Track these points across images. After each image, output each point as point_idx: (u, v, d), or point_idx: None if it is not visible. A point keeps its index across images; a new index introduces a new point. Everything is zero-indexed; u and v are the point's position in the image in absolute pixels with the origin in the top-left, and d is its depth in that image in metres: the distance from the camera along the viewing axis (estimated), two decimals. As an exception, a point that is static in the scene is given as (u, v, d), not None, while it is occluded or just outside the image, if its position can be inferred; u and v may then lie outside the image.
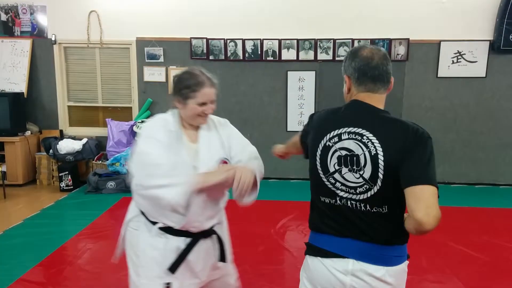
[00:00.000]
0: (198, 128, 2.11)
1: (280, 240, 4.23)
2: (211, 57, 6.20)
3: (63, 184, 5.96)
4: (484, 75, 6.02)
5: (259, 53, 6.16)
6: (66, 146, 5.93)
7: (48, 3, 6.33)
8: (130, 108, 6.54)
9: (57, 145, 5.95)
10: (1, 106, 5.98)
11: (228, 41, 6.15)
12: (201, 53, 6.20)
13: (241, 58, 6.19)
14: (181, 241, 2.05)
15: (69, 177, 5.94)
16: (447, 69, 6.05)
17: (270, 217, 4.80)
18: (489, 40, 5.94)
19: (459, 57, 6.00)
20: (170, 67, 6.26)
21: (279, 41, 6.12)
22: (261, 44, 6.14)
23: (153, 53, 6.24)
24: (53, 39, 6.35)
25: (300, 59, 6.14)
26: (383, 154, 1.55)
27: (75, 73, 6.59)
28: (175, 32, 6.21)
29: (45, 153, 6.18)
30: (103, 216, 4.84)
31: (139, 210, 2.10)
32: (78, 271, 3.58)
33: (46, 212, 5.08)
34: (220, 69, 6.21)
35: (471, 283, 3.44)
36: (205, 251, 2.14)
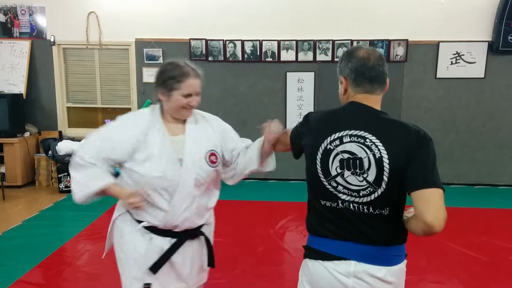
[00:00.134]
0: (184, 122, 2.06)
1: (280, 241, 4.23)
2: (210, 58, 6.21)
3: (62, 185, 5.95)
4: (483, 76, 6.03)
5: (258, 54, 6.16)
6: (65, 147, 5.92)
7: (47, 4, 6.33)
8: (129, 109, 6.53)
9: (56, 146, 5.94)
10: (0, 107, 5.96)
11: (227, 42, 6.15)
12: (200, 54, 6.21)
13: (240, 59, 6.19)
14: (165, 242, 2.01)
15: (68, 178, 5.93)
16: (446, 70, 6.05)
17: (269, 218, 4.80)
18: (488, 41, 5.95)
19: (458, 58, 6.01)
20: (169, 68, 6.25)
21: (278, 42, 6.12)
22: (260, 45, 6.14)
23: (152, 54, 6.24)
24: (52, 40, 6.34)
25: (299, 60, 6.14)
26: (388, 157, 1.54)
27: (74, 74, 6.59)
28: (174, 33, 6.21)
29: (44, 154, 6.17)
30: (102, 217, 4.83)
31: (125, 208, 2.06)
32: (77, 272, 3.58)
33: (45, 214, 5.07)
34: (219, 70, 6.23)
35: (470, 283, 3.44)
36: (191, 253, 2.08)
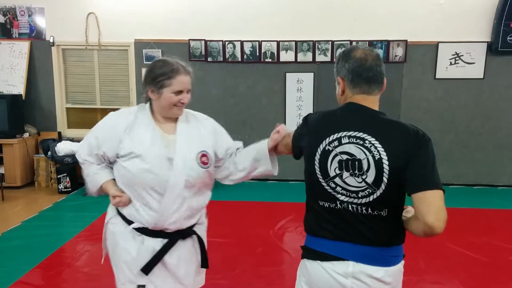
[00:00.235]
0: (175, 121, 2.03)
1: (279, 242, 4.23)
2: (209, 59, 6.21)
3: (61, 186, 5.95)
4: (482, 77, 6.04)
5: (257, 54, 6.17)
6: (64, 148, 5.92)
7: (46, 5, 6.33)
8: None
9: (55, 147, 5.93)
10: (-1, 108, 5.97)
11: (227, 42, 6.15)
12: (200, 54, 6.21)
13: (240, 59, 6.19)
14: (157, 242, 1.98)
15: (68, 179, 5.93)
16: (445, 70, 6.06)
17: (269, 218, 4.80)
18: (487, 42, 5.96)
19: (457, 58, 6.01)
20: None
21: (278, 42, 6.12)
22: (260, 46, 6.14)
23: (151, 54, 6.23)
24: (51, 41, 6.34)
25: (298, 60, 6.14)
26: (387, 158, 1.54)
27: (73, 75, 6.59)
28: (174, 34, 6.20)
29: (43, 155, 6.16)
30: (101, 218, 4.79)
31: (116, 210, 2.04)
32: (76, 273, 3.57)
33: (44, 214, 5.07)
34: (219, 70, 6.23)
35: (470, 284, 3.44)
36: (186, 253, 2.06)
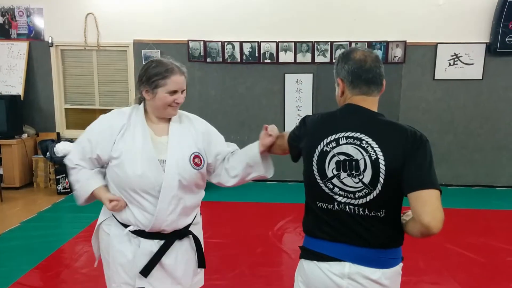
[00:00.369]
0: (168, 121, 2.02)
1: (278, 242, 4.23)
2: (208, 60, 6.20)
3: (60, 187, 5.94)
4: (481, 77, 6.04)
5: (256, 55, 6.17)
6: (63, 149, 5.91)
7: (45, 5, 6.32)
8: (127, 111, 6.53)
9: (54, 148, 5.92)
10: (-2, 108, 5.96)
11: (226, 43, 6.15)
12: (199, 55, 6.21)
13: (239, 60, 6.19)
14: (154, 244, 1.97)
15: (66, 180, 5.92)
16: (444, 71, 6.06)
17: (268, 219, 4.80)
18: (486, 43, 5.96)
19: (455, 59, 6.02)
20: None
21: (277, 43, 6.12)
22: (259, 47, 6.14)
23: (150, 55, 6.23)
24: (50, 41, 6.34)
25: (297, 61, 6.15)
26: (384, 159, 1.55)
27: (72, 76, 6.58)
28: (173, 35, 6.20)
29: (42, 156, 6.16)
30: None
31: (110, 212, 2.03)
32: (75, 274, 3.57)
33: (43, 215, 5.06)
34: (218, 71, 6.23)
35: (468, 284, 3.44)
36: (183, 254, 2.05)
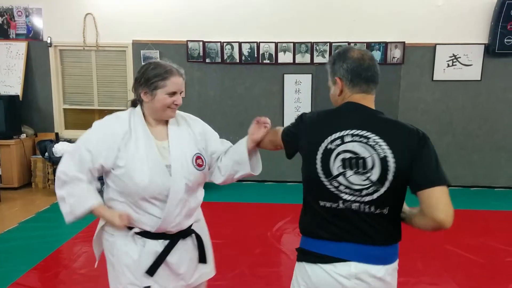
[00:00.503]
0: (166, 124, 2.02)
1: (277, 243, 4.23)
2: (207, 60, 6.20)
3: (58, 187, 5.92)
4: (479, 78, 6.05)
5: (255, 56, 6.17)
6: (61, 149, 5.89)
7: (44, 5, 6.32)
8: (126, 111, 6.52)
9: (53, 148, 5.91)
10: (-3, 109, 5.96)
11: (225, 44, 6.15)
12: (198, 56, 6.21)
13: (238, 61, 6.19)
14: (159, 244, 1.98)
15: (65, 180, 5.91)
16: (442, 72, 6.07)
17: (266, 219, 4.80)
18: (484, 44, 5.97)
19: (454, 60, 6.03)
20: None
21: (276, 44, 6.13)
22: (258, 47, 6.15)
23: (149, 56, 6.23)
24: (48, 41, 6.33)
25: (296, 62, 6.15)
26: (393, 157, 1.56)
27: (70, 76, 6.58)
28: (172, 35, 6.20)
29: (40, 156, 6.14)
30: (99, 219, 4.82)
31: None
32: (73, 274, 3.56)
33: (42, 216, 5.05)
34: (217, 72, 6.23)
35: (467, 285, 3.44)
36: (186, 251, 2.07)
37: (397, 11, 6.01)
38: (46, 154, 5.96)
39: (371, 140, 1.59)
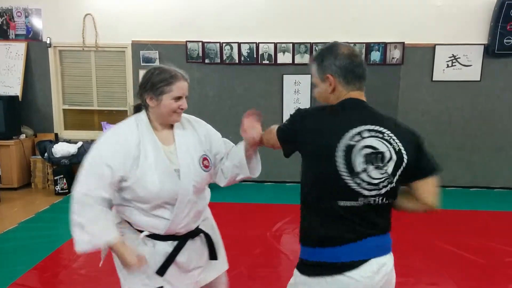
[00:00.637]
0: (171, 128, 2.04)
1: (276, 243, 4.23)
2: (206, 61, 6.21)
3: (58, 188, 5.93)
4: (479, 79, 6.06)
5: (254, 56, 6.17)
6: (61, 150, 5.91)
7: (43, 6, 6.32)
8: (126, 112, 6.53)
9: (52, 149, 5.92)
10: (-4, 109, 5.95)
11: (224, 44, 6.16)
12: (197, 56, 6.21)
13: (237, 61, 6.19)
14: (168, 245, 2.01)
15: (64, 181, 5.92)
16: (442, 72, 6.07)
17: (266, 220, 4.80)
18: (484, 44, 5.97)
19: (454, 61, 6.03)
20: (166, 70, 6.25)
21: (275, 44, 6.13)
22: (257, 48, 6.15)
23: (148, 56, 6.24)
24: (48, 42, 6.33)
25: (295, 62, 6.15)
26: (404, 149, 1.65)
27: (70, 76, 6.58)
28: (171, 36, 6.20)
29: (40, 157, 6.15)
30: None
31: (120, 217, 2.05)
32: (73, 274, 3.56)
33: (41, 216, 5.05)
34: (216, 72, 6.23)
35: (466, 285, 3.45)
36: (195, 251, 2.11)
37: (396, 11, 6.01)
38: (46, 154, 5.97)
39: (385, 134, 1.64)
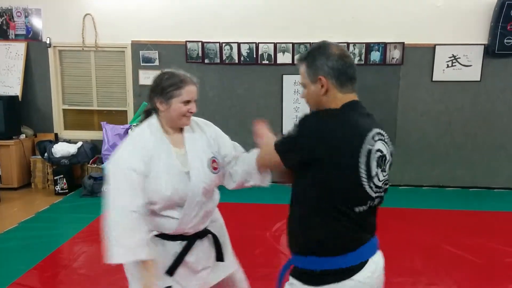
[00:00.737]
0: (181, 131, 2.08)
1: (276, 244, 4.23)
2: (206, 61, 6.21)
3: (58, 188, 5.93)
4: (479, 79, 6.05)
5: (254, 56, 6.17)
6: (61, 150, 5.91)
7: (43, 6, 6.32)
8: (125, 112, 6.54)
9: (52, 149, 5.92)
10: (-4, 109, 5.95)
11: (224, 44, 6.16)
12: (197, 56, 6.21)
13: (237, 61, 6.19)
14: (177, 245, 2.05)
15: (64, 181, 5.92)
16: (442, 73, 6.07)
17: (266, 220, 4.80)
18: (484, 44, 5.97)
19: (454, 61, 6.03)
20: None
21: (275, 44, 6.13)
22: (257, 48, 6.15)
23: (148, 56, 6.24)
24: (48, 42, 6.33)
25: (295, 62, 6.15)
26: (392, 149, 1.71)
27: (70, 77, 6.58)
28: (170, 36, 6.20)
29: (40, 157, 6.15)
30: (98, 220, 4.81)
31: None
32: (73, 274, 3.57)
33: (41, 216, 5.05)
34: (216, 72, 6.23)
35: (466, 285, 3.45)
36: (203, 251, 2.14)
37: (396, 11, 6.01)
38: (46, 154, 5.97)
39: (385, 137, 1.67)
